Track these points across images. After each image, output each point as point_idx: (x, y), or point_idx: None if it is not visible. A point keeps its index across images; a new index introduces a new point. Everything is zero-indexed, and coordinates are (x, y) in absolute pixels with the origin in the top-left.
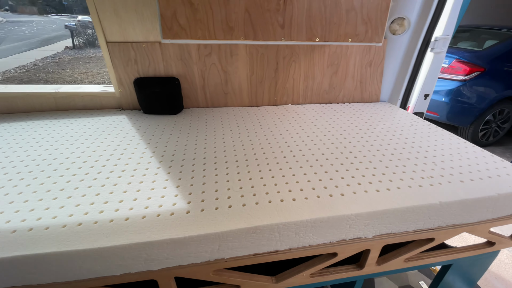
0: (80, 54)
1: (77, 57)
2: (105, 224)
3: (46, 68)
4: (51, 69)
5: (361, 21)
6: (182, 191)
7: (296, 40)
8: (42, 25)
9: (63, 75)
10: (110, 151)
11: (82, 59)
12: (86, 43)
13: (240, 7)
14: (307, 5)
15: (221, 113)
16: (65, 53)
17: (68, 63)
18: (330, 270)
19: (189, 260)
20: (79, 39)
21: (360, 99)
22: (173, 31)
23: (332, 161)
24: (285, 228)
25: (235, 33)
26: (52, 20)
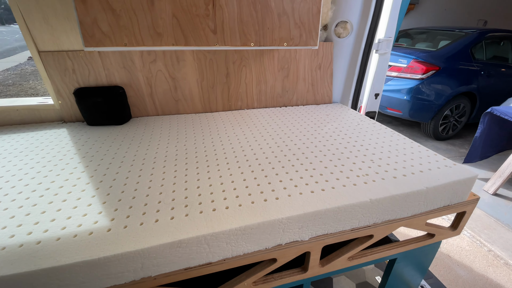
0: None
1: None
2: (14, 249)
3: (6, 80)
4: (12, 81)
5: (294, 25)
6: (107, 208)
7: (230, 45)
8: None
9: (25, 87)
10: (37, 168)
11: None
12: None
13: (167, 13)
14: (237, 10)
15: (171, 121)
16: (28, 64)
17: (31, 74)
18: (274, 276)
19: (110, 282)
20: None
21: (313, 101)
22: (96, 39)
23: (275, 164)
24: (214, 239)
25: (165, 39)
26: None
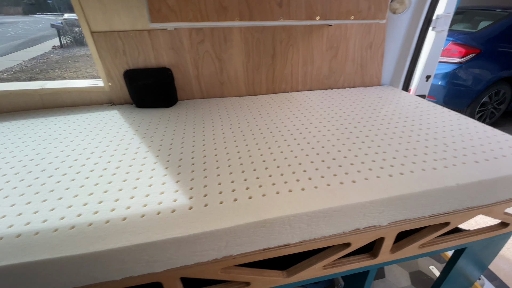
0: (68, 53)
1: (65, 56)
2: (101, 225)
3: (34, 69)
4: (39, 70)
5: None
6: (182, 186)
7: (295, 19)
8: (28, 25)
9: (52, 75)
10: (102, 148)
11: (70, 58)
12: (73, 41)
13: None
14: None
15: (218, 104)
16: (53, 53)
17: (56, 62)
18: (343, 261)
19: (195, 260)
20: (66, 38)
21: (361, 83)
22: (162, 14)
23: (339, 147)
24: (297, 220)
25: (229, 13)
26: (38, 20)
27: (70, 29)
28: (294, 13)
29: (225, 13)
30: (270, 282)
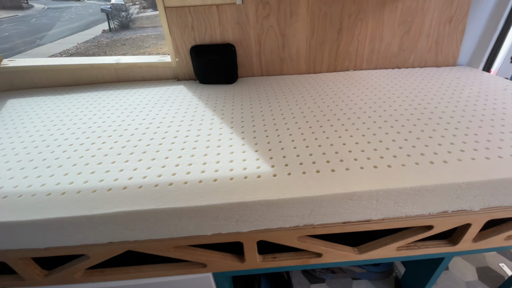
0: (116, 36)
1: (114, 40)
2: (195, 184)
3: (87, 51)
4: (92, 52)
5: None
6: (262, 156)
7: None
8: (80, 10)
9: None
10: (179, 118)
11: (118, 41)
12: (120, 25)
13: None
14: None
15: (278, 82)
16: (103, 36)
17: (106, 45)
18: (418, 244)
19: (278, 224)
20: (114, 22)
21: (433, 63)
22: None
23: (421, 127)
24: (385, 195)
25: None
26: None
27: (117, 14)
28: None
29: None
30: (341, 256)
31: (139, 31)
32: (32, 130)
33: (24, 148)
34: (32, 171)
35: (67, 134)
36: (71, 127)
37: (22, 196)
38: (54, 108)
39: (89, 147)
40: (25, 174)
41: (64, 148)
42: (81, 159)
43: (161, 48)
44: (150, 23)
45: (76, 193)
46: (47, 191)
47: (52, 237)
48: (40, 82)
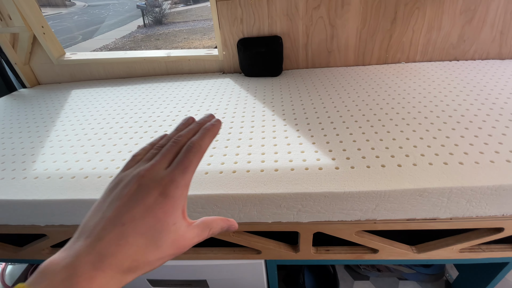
0: (150, 32)
1: (148, 35)
2: (257, 173)
3: (124, 46)
4: (128, 47)
5: None
6: (320, 148)
7: None
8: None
9: None
10: (231, 110)
11: (152, 37)
12: (154, 21)
13: None
14: None
15: (325, 74)
16: (138, 32)
17: (141, 40)
18: (482, 247)
19: (340, 217)
20: (148, 17)
21: (496, 55)
22: None
23: (492, 123)
24: (459, 193)
25: None
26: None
27: (151, 10)
28: None
29: None
30: (398, 254)
31: (171, 26)
32: (99, 117)
33: (95, 134)
34: (106, 155)
35: (130, 123)
36: (133, 116)
37: (101, 177)
38: (114, 98)
39: (153, 134)
40: (100, 157)
41: (130, 135)
42: None
43: (192, 43)
44: (181, 18)
45: None
46: (109, 173)
47: None
48: (98, 74)
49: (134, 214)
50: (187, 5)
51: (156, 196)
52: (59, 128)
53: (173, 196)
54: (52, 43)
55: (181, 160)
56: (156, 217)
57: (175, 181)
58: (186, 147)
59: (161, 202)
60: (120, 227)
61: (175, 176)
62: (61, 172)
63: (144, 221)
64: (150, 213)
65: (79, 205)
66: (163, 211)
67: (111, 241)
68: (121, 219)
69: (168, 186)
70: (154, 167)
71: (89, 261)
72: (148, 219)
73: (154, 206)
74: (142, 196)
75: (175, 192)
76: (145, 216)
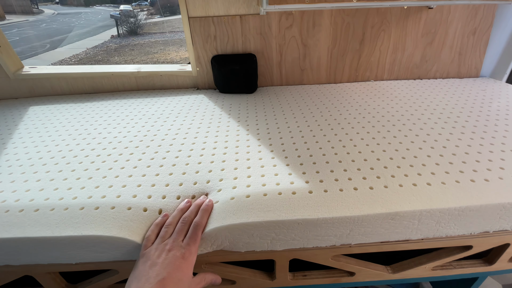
0: (124, 42)
1: (122, 45)
2: (227, 201)
3: (96, 56)
4: (101, 57)
5: None
6: (294, 170)
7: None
8: (89, 16)
9: (112, 62)
10: (204, 129)
11: (127, 47)
12: (129, 31)
13: None
14: None
15: (299, 91)
16: (112, 42)
17: (115, 50)
18: (453, 264)
19: (315, 243)
20: (122, 27)
21: (456, 74)
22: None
23: (455, 141)
24: (428, 216)
25: None
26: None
27: (126, 20)
28: None
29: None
30: (374, 275)
31: (147, 37)
32: (58, 139)
33: (52, 158)
34: (63, 183)
35: (93, 144)
36: (96, 137)
37: (54, 209)
38: (77, 116)
39: (117, 158)
40: (55, 186)
41: (92, 159)
42: (110, 171)
43: (168, 54)
44: (157, 29)
45: (111, 208)
46: (80, 204)
47: (85, 254)
48: (61, 90)
49: (170, 272)
50: (164, 16)
51: (181, 260)
52: (10, 151)
53: (190, 259)
54: (8, 56)
55: (191, 236)
56: (182, 272)
57: (190, 250)
58: (193, 225)
59: (184, 263)
60: (161, 281)
61: (190, 247)
62: (8, 204)
63: (176, 276)
64: (178, 270)
65: (26, 244)
66: (186, 267)
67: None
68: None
69: (187, 253)
70: (176, 241)
71: None
72: (177, 273)
73: (180, 265)
74: (172, 261)
75: (190, 256)
76: (176, 272)
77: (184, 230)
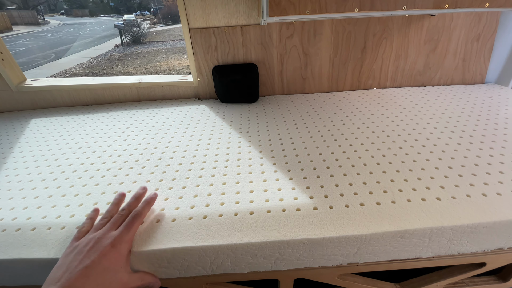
0: (128, 51)
1: (125, 54)
2: (231, 217)
3: (100, 65)
4: (104, 66)
5: None
6: (298, 185)
7: (420, 8)
8: (94, 26)
9: (115, 71)
10: (205, 140)
11: (130, 56)
12: (132, 40)
13: None
14: None
15: (301, 100)
16: (115, 51)
17: (118, 59)
18: (466, 282)
19: (321, 263)
20: (126, 37)
21: (460, 81)
22: (281, 7)
23: (464, 152)
24: (439, 233)
25: (349, 4)
26: (102, 21)
27: (129, 29)
28: (420, 0)
29: (345, 4)
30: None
31: (150, 45)
32: (58, 152)
33: (51, 174)
34: (61, 200)
35: (93, 158)
36: (96, 150)
37: (51, 228)
38: (78, 128)
39: (117, 172)
40: (53, 203)
41: (91, 174)
42: (109, 187)
43: (171, 62)
44: (160, 37)
45: None
46: (77, 223)
47: None
48: (62, 101)
49: (94, 260)
50: (167, 25)
51: (109, 248)
52: (10, 166)
53: (120, 248)
54: (11, 69)
55: (127, 224)
56: (109, 261)
57: (122, 238)
58: (132, 214)
59: (112, 252)
60: (84, 270)
61: (122, 234)
62: (5, 223)
63: (101, 264)
64: (105, 258)
65: (22, 265)
66: (114, 257)
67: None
68: (84, 264)
69: (117, 241)
70: (108, 232)
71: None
72: (103, 262)
73: (108, 253)
74: (99, 249)
75: (120, 245)
76: (101, 260)
77: (120, 221)
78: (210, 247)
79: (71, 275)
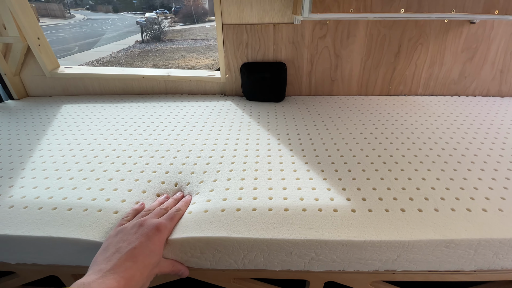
0: (148, 47)
1: (145, 50)
2: (265, 212)
3: (120, 60)
4: (124, 61)
5: None
6: (333, 185)
7: (469, 12)
8: (116, 22)
9: (135, 66)
10: (234, 136)
11: (149, 52)
12: (152, 37)
13: None
14: None
15: (328, 102)
16: (136, 47)
17: (138, 55)
18: None
19: (357, 267)
20: (147, 34)
21: (496, 92)
22: (324, 4)
23: (507, 164)
24: (486, 246)
25: (395, 4)
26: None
27: (150, 26)
28: (470, 5)
29: (391, 4)
30: None
31: (169, 43)
32: (90, 137)
33: (84, 157)
34: (95, 183)
35: (124, 145)
36: (127, 138)
37: (87, 210)
38: (108, 116)
39: (149, 161)
40: (88, 185)
41: (123, 160)
42: (142, 175)
43: (189, 61)
44: (180, 36)
45: None
46: (113, 208)
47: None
48: (93, 90)
49: (142, 241)
50: (186, 25)
51: (154, 230)
52: (44, 147)
53: (164, 232)
54: (46, 55)
55: (170, 214)
56: (154, 244)
57: (166, 224)
58: (173, 209)
59: (157, 235)
60: (132, 250)
61: (166, 221)
62: (41, 201)
63: (148, 246)
64: (150, 241)
65: (58, 244)
66: (158, 240)
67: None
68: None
69: (161, 226)
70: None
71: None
72: (149, 244)
73: (153, 236)
74: (145, 230)
75: (165, 229)
76: (148, 243)
77: (161, 214)
78: (245, 239)
79: (121, 255)
